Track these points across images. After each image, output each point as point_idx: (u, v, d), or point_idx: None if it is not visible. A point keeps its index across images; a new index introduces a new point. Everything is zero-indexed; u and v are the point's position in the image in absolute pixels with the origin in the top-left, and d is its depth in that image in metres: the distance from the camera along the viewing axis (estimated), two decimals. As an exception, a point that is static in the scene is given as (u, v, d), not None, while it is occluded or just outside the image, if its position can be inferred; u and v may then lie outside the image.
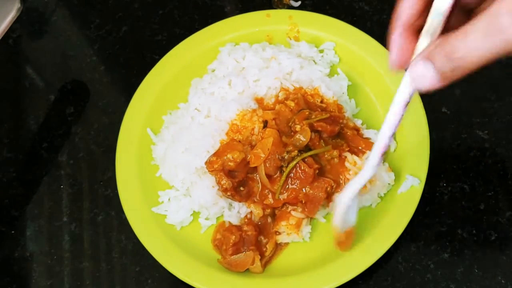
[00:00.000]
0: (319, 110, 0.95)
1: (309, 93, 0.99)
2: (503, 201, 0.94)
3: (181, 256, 0.89)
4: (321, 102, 0.98)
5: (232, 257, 0.88)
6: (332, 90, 1.00)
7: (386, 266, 0.90)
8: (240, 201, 0.93)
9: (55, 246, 0.97)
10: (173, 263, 0.89)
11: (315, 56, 1.05)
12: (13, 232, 0.99)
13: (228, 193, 0.91)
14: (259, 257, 0.89)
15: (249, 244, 0.89)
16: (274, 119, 0.93)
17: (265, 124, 0.93)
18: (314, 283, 0.85)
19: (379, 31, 1.12)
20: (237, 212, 0.94)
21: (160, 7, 1.21)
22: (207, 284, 0.87)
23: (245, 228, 0.90)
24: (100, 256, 0.95)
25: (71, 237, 0.97)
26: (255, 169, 0.92)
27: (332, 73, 1.06)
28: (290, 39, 1.08)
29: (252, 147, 0.91)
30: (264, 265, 0.90)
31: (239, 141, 0.93)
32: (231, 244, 0.89)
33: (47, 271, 0.95)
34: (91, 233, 0.97)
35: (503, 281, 0.88)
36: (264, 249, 0.90)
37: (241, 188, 0.92)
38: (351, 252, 0.87)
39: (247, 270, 0.89)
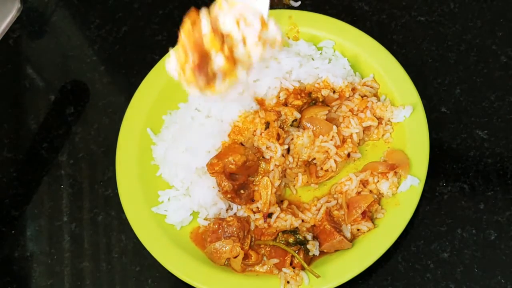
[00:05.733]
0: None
1: (318, 87, 0.99)
2: (502, 200, 0.95)
3: (181, 256, 0.89)
4: (334, 92, 0.99)
5: (210, 245, 0.88)
6: (339, 76, 1.00)
7: (386, 265, 0.90)
8: (240, 204, 0.93)
9: (55, 246, 0.97)
10: (173, 262, 0.89)
11: (314, 54, 1.05)
12: (13, 232, 0.99)
13: (229, 196, 0.91)
14: (242, 252, 0.88)
15: (230, 234, 0.89)
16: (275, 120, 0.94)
17: (267, 125, 0.93)
18: (314, 282, 0.86)
19: (379, 31, 1.12)
20: (234, 214, 0.93)
21: (160, 7, 1.21)
22: (207, 283, 0.87)
23: (228, 218, 0.90)
24: (100, 256, 0.96)
25: (71, 237, 0.97)
26: (256, 172, 0.92)
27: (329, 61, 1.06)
28: (289, 38, 1.08)
29: (254, 148, 0.92)
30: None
31: (241, 144, 0.93)
32: (210, 232, 0.89)
33: (47, 271, 0.95)
34: (91, 233, 0.97)
35: (502, 280, 0.88)
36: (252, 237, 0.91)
37: (242, 191, 0.92)
38: (351, 252, 0.88)
39: (228, 265, 0.89)
